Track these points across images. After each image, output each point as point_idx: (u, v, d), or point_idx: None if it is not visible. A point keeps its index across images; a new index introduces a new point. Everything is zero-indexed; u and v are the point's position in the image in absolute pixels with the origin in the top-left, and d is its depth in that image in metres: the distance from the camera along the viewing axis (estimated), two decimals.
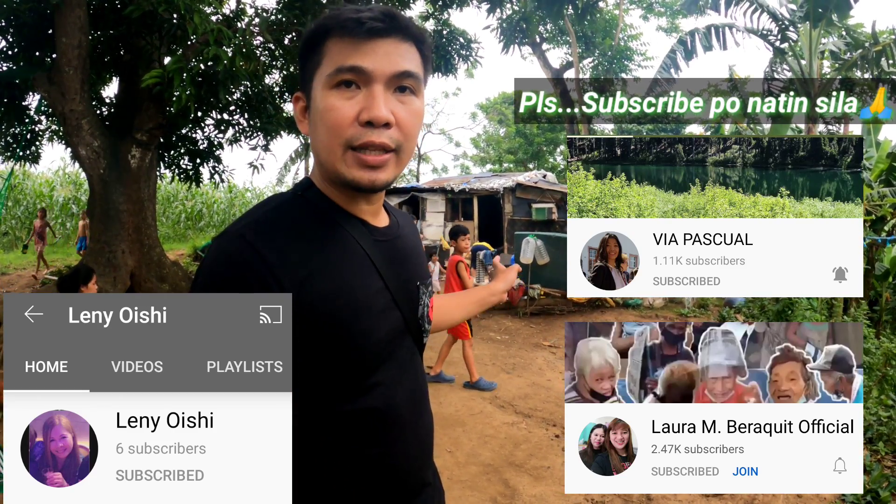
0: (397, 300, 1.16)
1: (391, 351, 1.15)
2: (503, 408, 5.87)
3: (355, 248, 1.12)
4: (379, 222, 1.23)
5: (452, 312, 1.70)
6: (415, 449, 1.23)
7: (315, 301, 1.01)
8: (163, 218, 23.73)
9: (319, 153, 1.11)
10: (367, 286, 1.10)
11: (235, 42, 8.08)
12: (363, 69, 1.04)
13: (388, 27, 1.06)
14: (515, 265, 1.85)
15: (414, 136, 1.12)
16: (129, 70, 9.97)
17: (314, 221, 1.10)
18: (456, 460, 4.59)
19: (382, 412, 1.13)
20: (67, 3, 8.20)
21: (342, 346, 1.05)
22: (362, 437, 1.11)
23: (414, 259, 1.29)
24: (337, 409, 1.08)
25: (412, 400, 1.21)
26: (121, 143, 9.41)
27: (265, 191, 30.39)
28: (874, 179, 10.04)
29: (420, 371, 1.29)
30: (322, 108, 1.06)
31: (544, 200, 17.29)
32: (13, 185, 20.14)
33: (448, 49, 12.07)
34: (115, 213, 9.44)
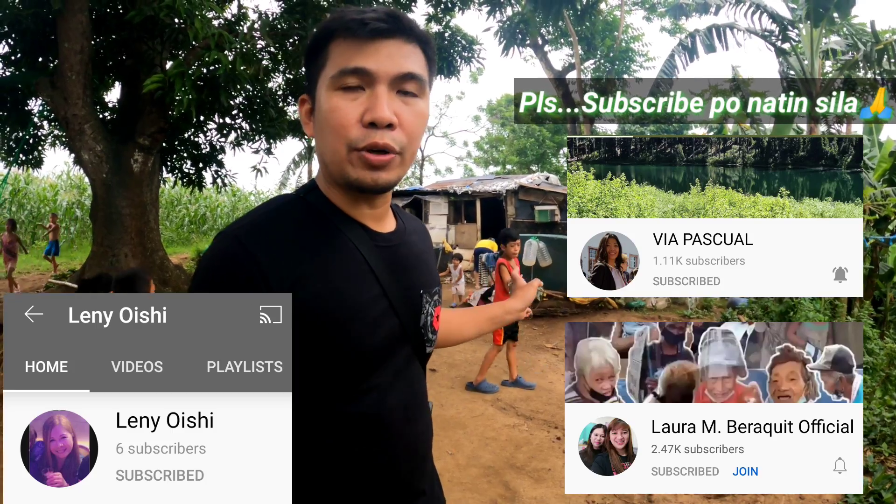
0: (396, 307, 1.15)
1: (385, 358, 1.14)
2: (505, 410, 5.87)
3: (353, 252, 1.11)
4: (382, 227, 1.21)
5: (464, 328, 1.67)
6: (406, 457, 1.21)
7: (305, 303, 1.01)
8: (166, 222, 23.79)
9: (324, 154, 1.11)
10: (361, 291, 1.09)
11: (237, 46, 8.10)
12: (367, 70, 1.04)
13: (391, 28, 1.05)
14: (536, 280, 1.80)
15: (417, 137, 1.12)
16: (132, 74, 9.99)
17: (312, 224, 1.10)
18: (457, 462, 4.59)
19: (373, 418, 1.12)
20: (69, 9, 8.24)
21: (332, 349, 1.05)
22: (352, 442, 1.11)
23: (419, 266, 1.27)
24: (328, 412, 1.08)
25: (405, 408, 1.20)
26: (123, 148, 9.44)
27: (269, 194, 30.45)
28: (877, 179, 10.02)
29: (418, 380, 1.27)
30: (326, 110, 1.06)
31: (547, 202, 17.28)
32: (16, 190, 20.19)
33: (450, 52, 12.08)
34: (117, 217, 9.47)
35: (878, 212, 8.51)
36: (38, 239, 19.39)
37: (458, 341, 1.67)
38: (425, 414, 1.30)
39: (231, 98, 9.67)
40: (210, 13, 8.64)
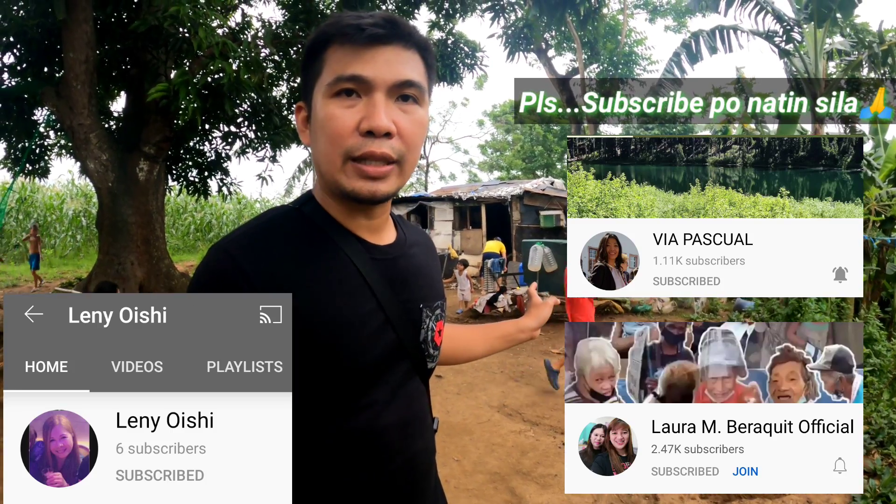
0: (393, 322, 1.12)
1: (382, 373, 1.11)
2: (511, 416, 5.87)
3: (347, 265, 1.08)
4: (380, 239, 1.18)
5: (474, 346, 1.62)
6: (404, 477, 1.17)
7: (296, 317, 0.99)
8: (172, 230, 23.88)
9: (320, 164, 1.08)
10: (356, 306, 1.07)
11: (241, 55, 8.15)
12: (363, 78, 1.01)
13: (389, 34, 1.03)
14: (552, 299, 1.74)
15: (417, 146, 1.09)
16: (136, 84, 10.06)
17: (306, 237, 1.08)
18: (463, 469, 4.59)
19: (369, 434, 1.10)
20: (74, 19, 8.30)
21: (328, 364, 1.03)
22: (350, 458, 1.09)
23: (420, 280, 1.23)
24: (326, 427, 1.06)
25: (404, 425, 1.16)
26: (129, 157, 9.50)
27: (274, 202, 30.55)
28: (882, 179, 9.96)
29: (418, 396, 1.23)
30: (322, 118, 1.04)
31: (552, 207, 17.30)
32: (22, 199, 20.30)
33: (453, 59, 12.10)
34: (123, 226, 9.52)
35: (884, 212, 8.46)
36: (44, 248, 19.46)
37: (467, 359, 1.62)
38: (426, 430, 1.26)
39: (235, 106, 9.72)
40: (214, 22, 8.68)
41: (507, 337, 1.65)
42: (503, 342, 1.65)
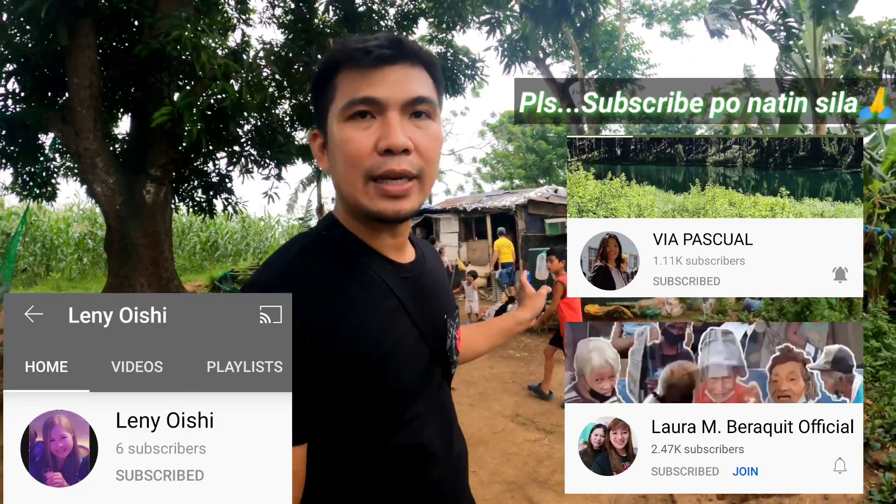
0: (425, 336, 1.16)
1: (421, 387, 1.14)
2: (525, 425, 5.84)
3: (383, 288, 1.11)
4: (404, 257, 1.21)
5: (477, 343, 1.68)
6: (450, 481, 1.21)
7: (344, 346, 1.01)
8: (178, 250, 23.92)
9: (341, 187, 1.10)
10: (396, 327, 1.10)
11: (242, 76, 8.20)
12: (375, 99, 1.03)
13: (395, 54, 1.05)
14: (544, 288, 1.81)
15: (435, 160, 1.11)
16: (140, 107, 10.11)
17: (340, 264, 1.10)
18: (479, 479, 4.57)
19: (416, 448, 1.12)
20: (77, 45, 8.36)
21: (374, 388, 1.05)
22: (397, 474, 1.10)
23: (441, 293, 1.28)
24: (371, 448, 1.07)
25: (443, 432, 1.20)
26: (135, 179, 9.54)
27: (279, 219, 30.66)
28: (885, 171, 9.91)
29: (448, 402, 1.28)
30: (339, 141, 1.05)
31: (557, 215, 17.26)
32: (29, 223, 20.40)
33: (453, 70, 12.16)
34: (132, 248, 9.54)
35: (888, 205, 8.40)
36: (51, 271, 19.55)
37: (472, 357, 1.68)
38: (460, 433, 1.31)
39: (239, 126, 9.77)
40: (213, 43, 8.75)
41: (505, 331, 1.74)
42: (503, 336, 1.74)
